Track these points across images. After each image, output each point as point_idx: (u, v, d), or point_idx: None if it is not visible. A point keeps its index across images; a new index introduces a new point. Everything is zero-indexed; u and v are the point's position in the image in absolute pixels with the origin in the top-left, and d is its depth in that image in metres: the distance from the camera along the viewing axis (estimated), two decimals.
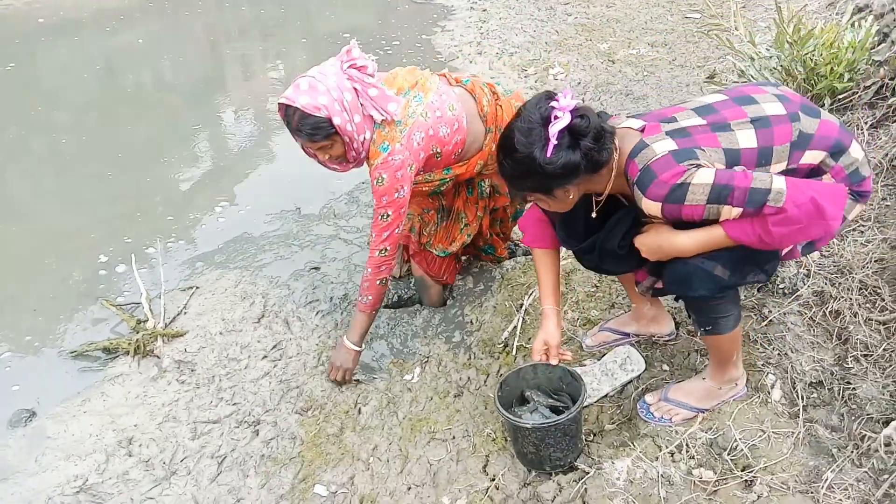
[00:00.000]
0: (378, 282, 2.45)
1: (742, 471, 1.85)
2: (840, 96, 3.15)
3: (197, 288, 3.18)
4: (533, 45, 5.93)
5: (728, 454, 1.90)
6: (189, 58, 6.70)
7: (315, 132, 2.18)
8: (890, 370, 1.99)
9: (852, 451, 1.81)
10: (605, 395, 2.29)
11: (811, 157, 1.72)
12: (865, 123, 3.01)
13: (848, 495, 1.71)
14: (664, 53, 5.47)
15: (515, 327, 2.69)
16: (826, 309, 2.24)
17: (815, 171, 1.74)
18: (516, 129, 1.66)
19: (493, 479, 2.09)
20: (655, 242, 1.77)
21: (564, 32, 6.21)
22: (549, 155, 1.61)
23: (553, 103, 1.62)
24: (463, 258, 3.13)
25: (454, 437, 2.30)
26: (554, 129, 1.59)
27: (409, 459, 2.25)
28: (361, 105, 2.23)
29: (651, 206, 1.65)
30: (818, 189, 1.57)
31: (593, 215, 1.88)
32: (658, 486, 1.86)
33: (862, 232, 2.51)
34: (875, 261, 2.36)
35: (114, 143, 4.81)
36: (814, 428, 1.92)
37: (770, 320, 2.27)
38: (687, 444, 1.96)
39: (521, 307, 2.77)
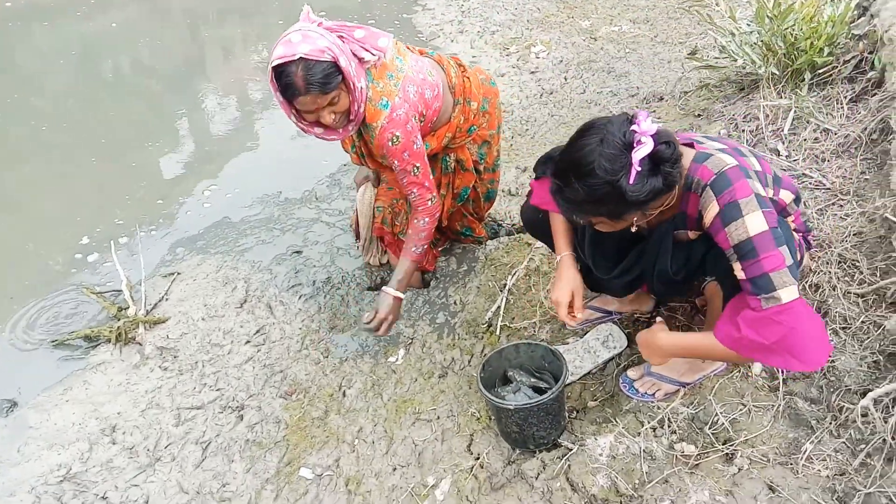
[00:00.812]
0: (429, 226, 2.46)
1: (723, 444, 1.86)
2: (820, 71, 3.15)
3: (178, 274, 3.15)
4: (514, 24, 5.89)
5: (709, 428, 1.92)
6: (168, 42, 6.60)
7: (327, 79, 2.02)
8: (868, 342, 2.01)
9: (830, 423, 1.83)
10: (588, 373, 2.30)
11: (784, 195, 1.82)
12: (845, 98, 3.01)
13: (826, 465, 1.73)
14: (646, 30, 5.45)
15: (499, 307, 2.69)
16: (805, 283, 2.25)
17: (782, 212, 1.82)
18: (598, 154, 1.53)
19: (478, 458, 2.10)
20: (645, 344, 1.87)
21: (546, 10, 6.16)
22: (632, 182, 1.53)
23: (634, 127, 1.53)
24: (440, 248, 3.12)
25: (439, 418, 2.31)
26: (637, 155, 1.51)
27: (394, 440, 2.26)
28: (352, 52, 2.12)
29: (712, 211, 1.61)
30: (815, 331, 1.57)
31: (633, 229, 1.81)
32: (640, 461, 1.87)
33: (841, 206, 2.52)
34: (854, 234, 2.37)
35: (96, 129, 4.74)
36: (793, 401, 1.93)
37: None
38: (669, 419, 1.98)
39: (504, 287, 2.77)
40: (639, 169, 1.52)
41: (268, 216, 3.62)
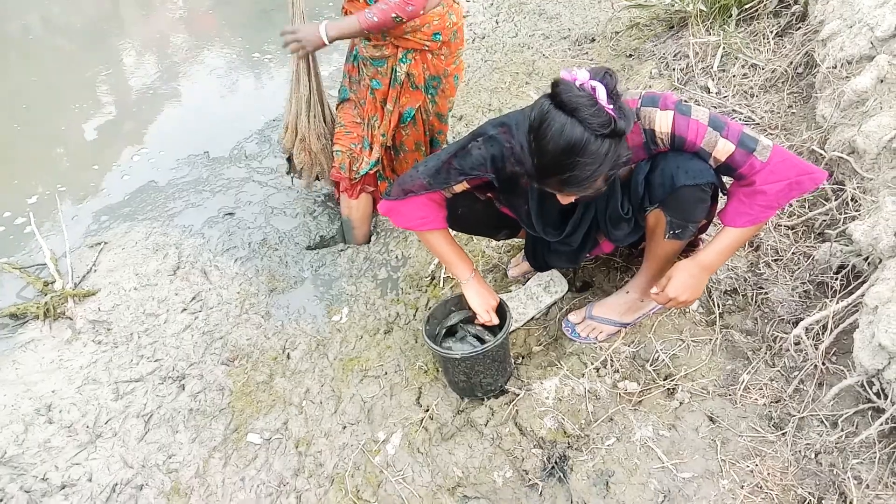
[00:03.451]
0: (393, 16, 2.35)
1: (664, 380, 1.91)
2: (746, 6, 3.17)
3: (105, 243, 3.02)
4: None
5: (650, 365, 1.96)
6: None
7: None
8: (798, 272, 2.07)
9: (766, 353, 1.89)
10: (532, 318, 2.31)
11: None
12: (771, 32, 3.05)
13: (763, 394, 1.80)
14: None
15: None
16: None
17: None
18: (581, 122, 1.48)
19: (427, 410, 2.11)
20: (688, 276, 1.81)
21: None
22: (619, 120, 1.51)
23: (578, 81, 1.50)
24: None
25: (386, 373, 2.30)
26: (602, 99, 1.49)
27: (342, 399, 2.24)
28: None
29: (664, 119, 1.65)
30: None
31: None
32: (586, 402, 1.91)
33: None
34: None
35: (15, 94, 4.43)
36: (730, 333, 1.99)
37: None
38: (611, 359, 2.01)
39: None
40: (611, 107, 1.51)
41: (196, 178, 3.49)
